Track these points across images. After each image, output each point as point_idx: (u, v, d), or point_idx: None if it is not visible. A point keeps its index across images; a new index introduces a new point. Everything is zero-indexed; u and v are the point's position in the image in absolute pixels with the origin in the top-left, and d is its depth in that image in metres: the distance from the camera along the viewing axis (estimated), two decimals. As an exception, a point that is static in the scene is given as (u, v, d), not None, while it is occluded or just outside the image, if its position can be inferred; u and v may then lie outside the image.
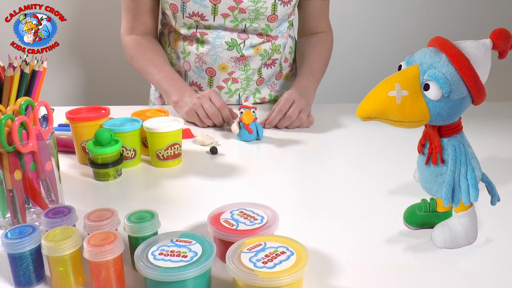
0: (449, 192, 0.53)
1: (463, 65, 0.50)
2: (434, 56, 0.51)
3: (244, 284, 0.48)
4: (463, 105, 0.52)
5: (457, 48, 0.51)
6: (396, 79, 0.51)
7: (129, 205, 0.73)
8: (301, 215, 0.70)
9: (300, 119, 1.07)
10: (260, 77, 1.25)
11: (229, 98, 1.24)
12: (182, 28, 1.18)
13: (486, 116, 1.10)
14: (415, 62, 0.52)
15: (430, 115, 0.51)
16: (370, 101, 0.51)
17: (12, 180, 0.63)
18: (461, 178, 0.53)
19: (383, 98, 0.50)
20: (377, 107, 0.50)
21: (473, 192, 0.52)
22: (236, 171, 0.86)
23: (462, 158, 0.53)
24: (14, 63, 0.72)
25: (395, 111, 0.50)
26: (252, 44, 1.19)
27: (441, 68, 0.50)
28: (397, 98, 0.50)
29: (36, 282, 0.54)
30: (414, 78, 0.50)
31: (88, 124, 0.86)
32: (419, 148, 0.57)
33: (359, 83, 1.99)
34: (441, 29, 1.96)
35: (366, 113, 0.51)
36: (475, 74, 0.50)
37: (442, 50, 0.51)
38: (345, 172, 0.86)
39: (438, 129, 0.54)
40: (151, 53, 1.20)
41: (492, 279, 0.54)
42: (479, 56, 0.51)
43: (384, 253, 0.59)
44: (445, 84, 0.49)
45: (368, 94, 0.52)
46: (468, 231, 0.56)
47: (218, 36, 1.17)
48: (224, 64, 1.19)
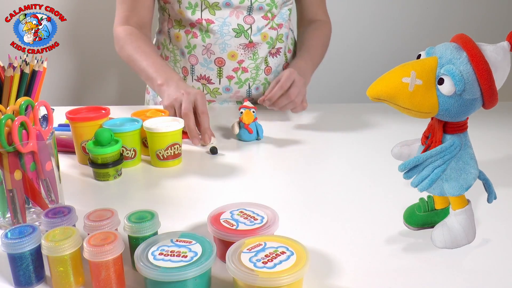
0: (411, 164, 0.54)
1: (482, 67, 0.50)
2: (455, 52, 0.51)
3: (244, 284, 0.48)
4: (473, 107, 0.52)
5: (479, 49, 0.50)
6: (413, 66, 0.51)
7: (129, 205, 0.73)
8: (301, 215, 0.70)
9: (295, 102, 1.06)
10: (267, 66, 1.25)
11: (239, 89, 1.24)
12: (187, 10, 1.15)
13: (487, 115, 1.10)
14: (435, 54, 0.52)
15: (439, 109, 0.51)
16: (383, 83, 0.51)
17: (12, 180, 0.63)
18: (429, 166, 0.54)
19: (397, 83, 0.50)
20: (389, 90, 0.50)
21: (426, 183, 0.54)
22: (236, 171, 0.86)
23: (447, 155, 0.53)
24: (14, 63, 0.72)
25: (406, 98, 0.50)
26: (259, 28, 1.19)
27: (460, 66, 0.50)
28: (410, 85, 0.50)
29: (36, 282, 0.54)
30: (431, 69, 0.50)
31: (88, 124, 0.86)
32: (423, 140, 0.57)
33: (359, 83, 1.99)
34: (441, 29, 1.96)
35: (376, 94, 0.51)
36: (491, 78, 0.50)
37: (464, 48, 0.51)
38: (345, 172, 0.86)
39: (444, 125, 0.54)
40: (140, 41, 1.17)
41: (492, 279, 0.54)
42: (498, 60, 0.51)
43: (384, 253, 0.59)
44: (460, 82, 0.49)
45: (382, 76, 0.52)
46: (466, 228, 0.56)
47: (224, 23, 1.16)
48: (233, 52, 1.19)
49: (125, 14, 1.20)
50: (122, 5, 1.21)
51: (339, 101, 1.96)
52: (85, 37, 1.89)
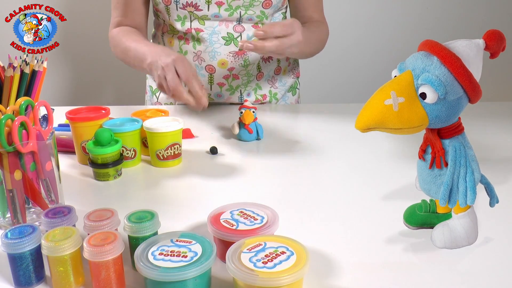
0: (446, 193, 0.53)
1: (455, 65, 0.50)
2: (426, 60, 0.51)
3: (244, 284, 0.48)
4: (460, 105, 0.52)
5: (448, 49, 0.51)
6: (391, 87, 0.51)
7: (129, 205, 0.73)
8: (301, 215, 0.70)
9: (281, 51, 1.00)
10: (259, 72, 1.24)
11: (231, 96, 1.24)
12: (176, 22, 1.17)
13: (486, 116, 1.10)
14: (408, 68, 0.52)
15: (428, 118, 0.51)
16: (368, 111, 0.51)
17: (12, 180, 0.63)
18: (460, 180, 0.53)
19: (380, 107, 0.50)
20: (375, 117, 0.50)
21: (471, 194, 0.53)
22: (236, 171, 0.86)
23: (462, 160, 0.53)
24: (14, 63, 0.72)
25: (394, 119, 0.50)
26: (249, 36, 1.18)
27: (434, 71, 0.50)
28: (394, 105, 0.50)
29: (36, 282, 0.54)
30: (408, 84, 0.51)
31: (88, 124, 0.86)
32: (420, 154, 0.57)
33: (359, 83, 2.00)
34: (441, 29, 1.97)
35: (365, 125, 0.51)
36: (468, 73, 0.50)
37: (433, 52, 0.51)
38: (345, 172, 0.86)
39: (438, 132, 0.54)
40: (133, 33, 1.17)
41: (491, 279, 0.54)
42: (471, 56, 0.51)
43: (384, 253, 0.59)
44: (440, 86, 0.49)
45: (365, 105, 0.52)
46: (468, 231, 0.56)
47: (213, 32, 1.16)
48: (223, 60, 1.18)
49: (118, 20, 1.22)
50: (115, 11, 1.22)
51: (339, 101, 1.96)
52: (85, 37, 1.89)
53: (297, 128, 1.08)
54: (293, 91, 1.34)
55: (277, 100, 1.29)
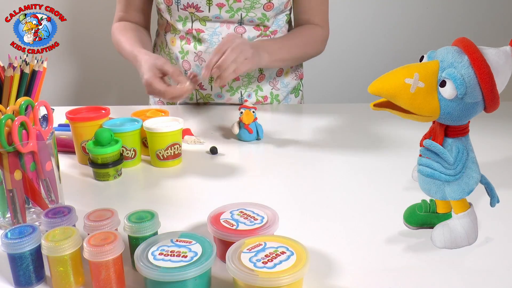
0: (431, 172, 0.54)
1: (483, 70, 0.49)
2: (457, 56, 0.50)
3: (244, 284, 0.48)
4: (475, 110, 0.52)
5: (481, 53, 0.50)
6: (417, 68, 0.50)
7: (129, 205, 0.73)
8: (301, 215, 0.70)
9: (226, 68, 1.00)
10: (261, 74, 1.24)
11: (231, 96, 1.24)
12: (178, 22, 1.17)
13: (486, 116, 1.10)
14: (437, 58, 0.52)
15: (440, 112, 0.51)
16: (385, 81, 0.51)
17: (12, 180, 0.63)
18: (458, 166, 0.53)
19: (399, 82, 0.50)
20: (390, 89, 0.50)
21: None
22: (236, 171, 0.86)
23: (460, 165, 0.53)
24: (14, 63, 0.72)
25: (406, 99, 0.50)
26: (250, 37, 1.18)
27: (461, 69, 0.50)
28: (412, 87, 0.50)
29: (36, 282, 0.54)
30: (433, 73, 0.50)
31: (88, 124, 0.86)
32: (421, 142, 0.57)
33: (359, 83, 1.99)
34: (441, 29, 1.97)
35: (377, 90, 0.51)
36: (493, 82, 0.50)
37: (466, 51, 0.50)
38: (345, 172, 0.86)
39: (446, 128, 0.54)
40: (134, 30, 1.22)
41: (492, 279, 0.54)
42: (500, 64, 0.51)
43: (384, 253, 0.59)
44: (462, 86, 0.49)
45: (385, 74, 0.51)
46: (468, 231, 0.56)
47: (214, 32, 1.16)
48: None
49: (120, 14, 1.26)
50: (118, 5, 1.26)
51: (339, 101, 1.96)
52: (85, 37, 1.89)
53: (297, 128, 1.08)
54: (296, 93, 1.33)
55: (279, 102, 1.29)
